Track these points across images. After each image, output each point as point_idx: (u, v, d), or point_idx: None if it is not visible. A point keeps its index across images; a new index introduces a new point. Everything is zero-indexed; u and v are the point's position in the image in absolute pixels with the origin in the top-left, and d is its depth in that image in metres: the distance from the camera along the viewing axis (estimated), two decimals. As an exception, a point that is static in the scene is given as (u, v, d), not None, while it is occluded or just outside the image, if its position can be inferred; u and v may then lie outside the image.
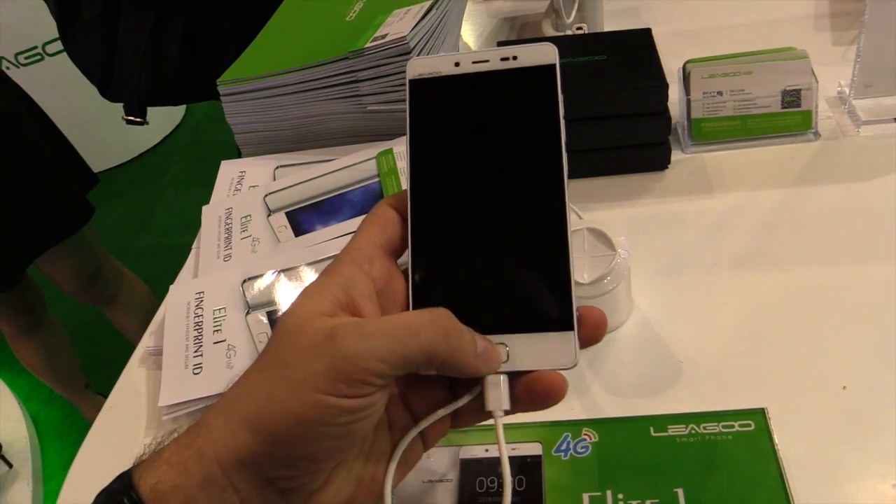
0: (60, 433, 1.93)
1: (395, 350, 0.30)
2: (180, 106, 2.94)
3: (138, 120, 1.18)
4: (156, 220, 2.46)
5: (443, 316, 0.32)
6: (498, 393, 0.33)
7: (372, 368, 0.30)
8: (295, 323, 0.32)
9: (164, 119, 2.84)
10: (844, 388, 0.50)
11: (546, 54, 0.36)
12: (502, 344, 0.33)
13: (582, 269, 0.52)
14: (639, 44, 0.72)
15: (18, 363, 2.13)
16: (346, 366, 0.30)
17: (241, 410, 0.31)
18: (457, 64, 0.36)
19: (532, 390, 0.33)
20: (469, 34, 1.03)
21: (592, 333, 0.35)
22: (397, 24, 0.73)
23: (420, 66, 0.36)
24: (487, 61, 0.36)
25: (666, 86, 0.66)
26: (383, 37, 0.72)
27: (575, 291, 0.33)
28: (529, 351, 0.33)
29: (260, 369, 0.32)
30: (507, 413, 0.34)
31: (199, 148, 2.78)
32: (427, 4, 0.76)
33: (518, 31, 1.00)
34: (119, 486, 0.31)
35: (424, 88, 0.36)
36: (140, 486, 0.31)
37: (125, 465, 0.36)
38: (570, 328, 0.33)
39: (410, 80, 0.36)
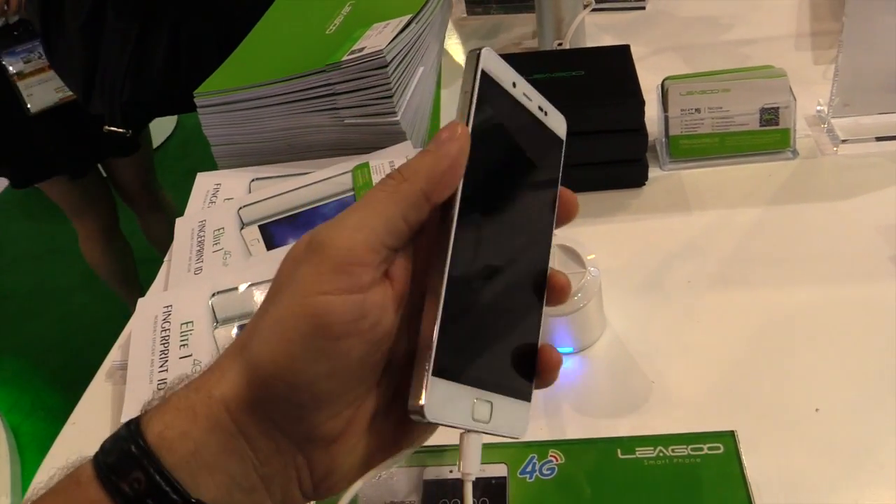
0: (42, 447, 1.90)
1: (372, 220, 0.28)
2: (172, 119, 2.94)
3: (120, 130, 1.17)
4: (145, 232, 2.45)
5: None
6: (474, 454, 0.31)
7: (355, 243, 0.28)
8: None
9: (155, 132, 2.83)
10: (817, 410, 0.49)
11: (562, 125, 0.36)
12: (489, 402, 0.31)
13: (551, 287, 0.51)
14: (617, 60, 0.71)
15: (-4, 377, 2.11)
16: (330, 252, 0.28)
17: (246, 346, 0.29)
18: (514, 84, 0.33)
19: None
20: (453, 47, 1.03)
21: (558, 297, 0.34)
22: (375, 38, 0.73)
23: (491, 62, 0.31)
24: (531, 100, 0.34)
25: (642, 102, 0.66)
26: (360, 50, 0.71)
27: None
28: (502, 414, 0.31)
29: (265, 299, 0.30)
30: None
31: (190, 160, 2.78)
32: (406, 18, 0.76)
33: (501, 45, 1.00)
34: (125, 432, 0.29)
35: (490, 88, 0.31)
36: (147, 433, 0.29)
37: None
38: (530, 399, 0.33)
39: (483, 70, 0.31)
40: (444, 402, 0.28)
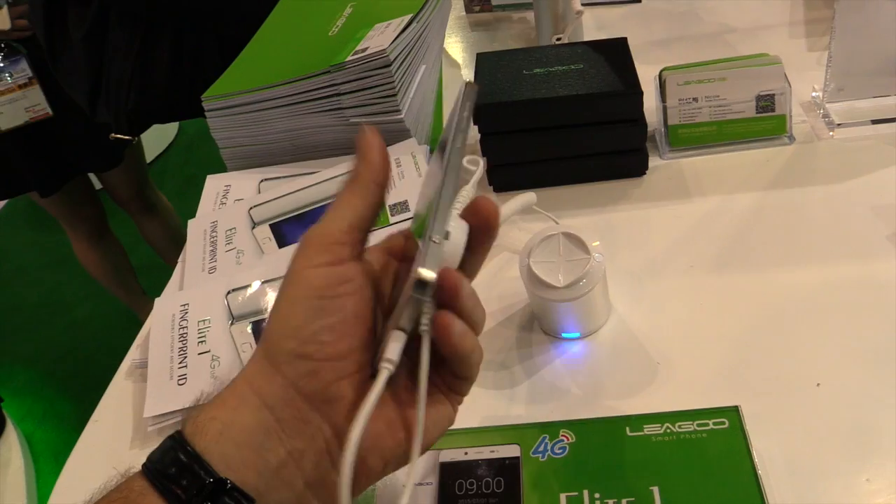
0: (55, 453, 1.92)
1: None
2: (173, 125, 2.96)
3: (126, 137, 1.19)
4: (149, 238, 2.47)
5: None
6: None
7: (331, 229, 0.35)
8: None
9: (157, 138, 2.85)
10: (818, 385, 0.51)
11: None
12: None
13: (557, 273, 0.52)
14: (615, 53, 0.73)
15: (10, 385, 2.13)
16: (313, 239, 0.35)
17: (262, 333, 0.36)
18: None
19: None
20: (453, 46, 1.04)
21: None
22: (378, 38, 0.75)
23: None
24: None
25: (641, 93, 0.67)
26: (364, 50, 0.73)
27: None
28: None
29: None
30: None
31: (192, 166, 2.79)
32: (407, 18, 0.77)
33: (500, 40, 1.02)
34: (171, 442, 0.33)
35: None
36: (185, 432, 0.33)
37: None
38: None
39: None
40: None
